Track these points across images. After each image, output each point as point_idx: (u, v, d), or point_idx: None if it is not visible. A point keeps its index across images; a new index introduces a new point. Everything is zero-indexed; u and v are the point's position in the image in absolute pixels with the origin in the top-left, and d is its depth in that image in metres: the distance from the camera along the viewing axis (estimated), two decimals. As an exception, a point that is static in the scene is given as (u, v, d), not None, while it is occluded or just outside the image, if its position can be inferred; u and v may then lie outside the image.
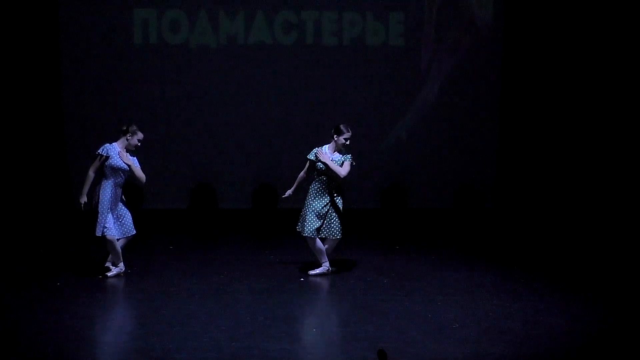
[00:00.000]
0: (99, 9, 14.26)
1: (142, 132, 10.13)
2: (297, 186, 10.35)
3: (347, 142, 10.16)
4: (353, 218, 14.03)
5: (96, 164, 9.91)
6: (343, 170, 10.07)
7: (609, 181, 14.47)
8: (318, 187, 10.15)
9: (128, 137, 10.00)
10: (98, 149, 9.96)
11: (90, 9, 14.24)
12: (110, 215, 9.90)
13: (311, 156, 10.26)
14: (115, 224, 9.94)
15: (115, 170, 9.92)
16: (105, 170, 9.92)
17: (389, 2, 14.67)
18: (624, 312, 9.01)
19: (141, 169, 10.06)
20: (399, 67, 14.71)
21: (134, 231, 10.12)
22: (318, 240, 10.18)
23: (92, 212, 10.00)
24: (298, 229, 10.29)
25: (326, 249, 10.27)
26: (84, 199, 9.98)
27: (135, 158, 10.07)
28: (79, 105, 14.30)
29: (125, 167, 9.95)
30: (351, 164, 10.13)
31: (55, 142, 14.27)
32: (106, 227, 9.85)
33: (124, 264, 10.10)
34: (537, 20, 14.57)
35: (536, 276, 10.39)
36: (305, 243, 10.35)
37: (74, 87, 14.30)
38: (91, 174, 9.93)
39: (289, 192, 10.34)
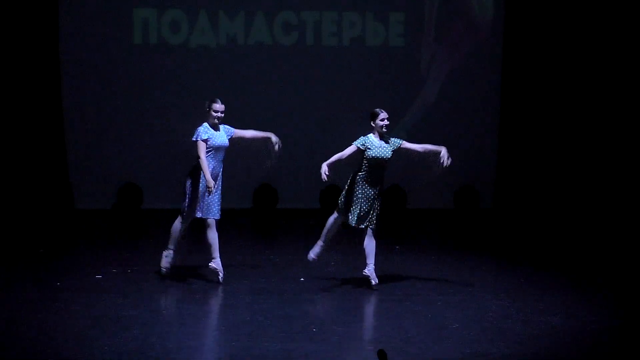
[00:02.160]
0: (99, 8, 14.26)
1: (217, 102, 9.72)
2: (334, 163, 9.57)
3: (387, 122, 9.73)
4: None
5: (203, 148, 9.55)
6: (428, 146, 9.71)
7: (610, 181, 14.47)
8: (369, 176, 9.57)
9: (211, 114, 9.71)
10: (193, 136, 9.59)
11: (90, 8, 14.24)
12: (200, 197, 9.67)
13: (359, 144, 9.64)
14: (200, 204, 9.70)
15: (217, 149, 9.69)
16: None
17: (389, 2, 14.67)
18: (625, 311, 9.01)
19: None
20: (399, 67, 14.71)
21: (218, 215, 9.83)
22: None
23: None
24: (343, 215, 9.72)
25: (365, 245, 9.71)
26: (212, 183, 9.56)
27: (223, 126, 9.75)
28: (78, 105, 14.30)
29: (226, 143, 9.72)
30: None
31: (55, 142, 14.26)
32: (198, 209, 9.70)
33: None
34: (537, 20, 14.58)
35: (536, 276, 10.39)
36: (313, 240, 10.18)
37: (74, 87, 14.30)
38: (204, 159, 9.55)
39: (325, 168, 9.50)
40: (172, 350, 7.61)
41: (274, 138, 9.92)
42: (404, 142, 9.77)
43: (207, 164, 9.56)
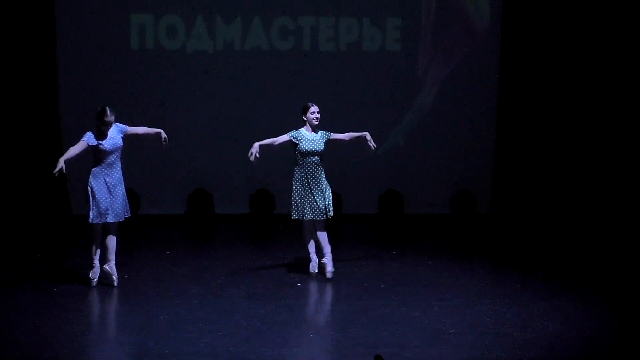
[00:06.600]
0: (96, 14, 14.26)
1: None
2: (266, 145, 10.42)
3: (318, 116, 10.32)
4: (350, 223, 14.00)
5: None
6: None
7: (608, 186, 14.49)
8: (304, 169, 10.29)
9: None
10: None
11: (87, 14, 14.24)
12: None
13: (292, 135, 10.36)
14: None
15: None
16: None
17: (385, 7, 14.68)
18: (622, 316, 9.01)
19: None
20: (396, 72, 14.72)
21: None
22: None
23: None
24: (296, 216, 10.34)
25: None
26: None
27: (115, 125, 10.08)
28: (75, 111, 14.27)
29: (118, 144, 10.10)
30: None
31: (52, 147, 14.24)
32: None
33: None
34: (534, 25, 14.60)
35: (533, 281, 10.38)
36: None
37: (71, 92, 14.30)
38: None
39: (257, 148, 10.34)
40: (169, 356, 7.61)
41: (163, 134, 10.17)
42: (332, 133, 10.42)
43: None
